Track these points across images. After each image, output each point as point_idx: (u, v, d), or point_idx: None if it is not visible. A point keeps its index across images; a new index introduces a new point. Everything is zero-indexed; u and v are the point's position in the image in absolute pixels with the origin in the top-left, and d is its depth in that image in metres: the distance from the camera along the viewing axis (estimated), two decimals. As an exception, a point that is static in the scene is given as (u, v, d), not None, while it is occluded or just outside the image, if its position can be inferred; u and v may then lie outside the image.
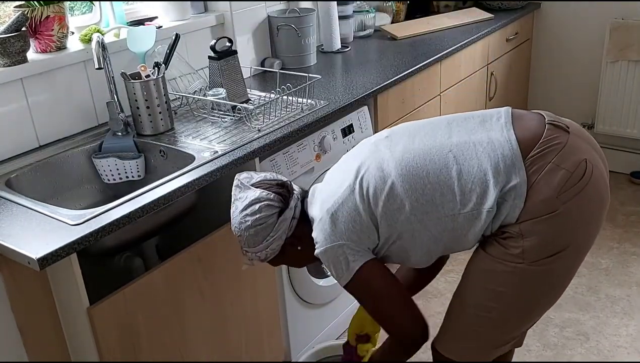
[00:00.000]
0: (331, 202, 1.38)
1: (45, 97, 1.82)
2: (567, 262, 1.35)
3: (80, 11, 2.15)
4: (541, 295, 1.40)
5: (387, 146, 1.40)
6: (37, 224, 1.40)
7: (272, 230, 1.40)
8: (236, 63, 2.07)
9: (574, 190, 1.28)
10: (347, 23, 2.79)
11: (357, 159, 1.42)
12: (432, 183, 1.31)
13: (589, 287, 2.55)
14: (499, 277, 1.36)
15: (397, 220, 1.34)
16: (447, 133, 1.37)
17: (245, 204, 1.40)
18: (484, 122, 1.38)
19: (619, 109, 3.28)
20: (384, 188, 1.33)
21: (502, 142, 1.31)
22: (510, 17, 3.10)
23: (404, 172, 1.33)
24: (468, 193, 1.30)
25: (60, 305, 1.51)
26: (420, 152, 1.35)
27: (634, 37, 3.09)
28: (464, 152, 1.32)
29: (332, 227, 1.36)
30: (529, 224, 1.29)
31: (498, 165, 1.29)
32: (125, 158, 1.84)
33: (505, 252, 1.33)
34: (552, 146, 1.30)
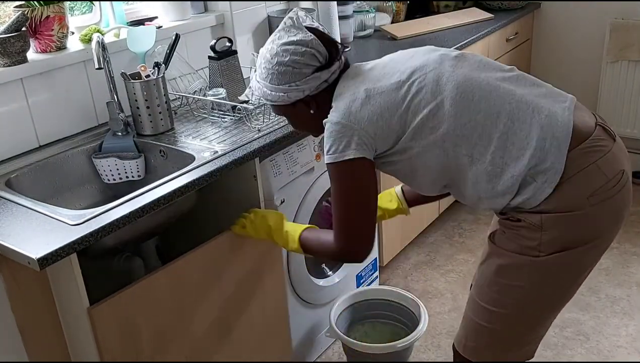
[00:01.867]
0: (373, 85, 1.33)
1: (45, 97, 1.82)
2: (584, 257, 1.35)
3: (80, 11, 2.15)
4: (556, 291, 1.39)
5: (451, 65, 1.35)
6: (37, 224, 1.40)
7: (301, 80, 1.35)
8: (236, 63, 2.07)
9: (605, 195, 1.28)
10: (347, 23, 2.78)
11: (416, 59, 1.37)
12: (478, 122, 1.28)
13: (589, 287, 2.55)
14: (514, 271, 1.35)
15: (424, 138, 1.30)
16: (514, 84, 1.34)
17: (292, 40, 1.33)
18: (550, 96, 1.35)
19: (619, 109, 3.28)
20: (430, 102, 1.29)
21: (560, 122, 1.28)
22: (510, 17, 3.10)
23: (457, 97, 1.29)
24: (502, 150, 1.27)
25: (60, 305, 1.51)
26: (482, 87, 1.31)
27: (634, 37, 3.09)
28: (520, 112, 1.28)
29: (359, 107, 1.31)
30: (552, 218, 1.27)
31: (545, 141, 1.26)
32: (125, 158, 1.84)
33: (521, 245, 1.32)
34: (599, 147, 1.29)
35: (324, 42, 1.36)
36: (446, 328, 2.36)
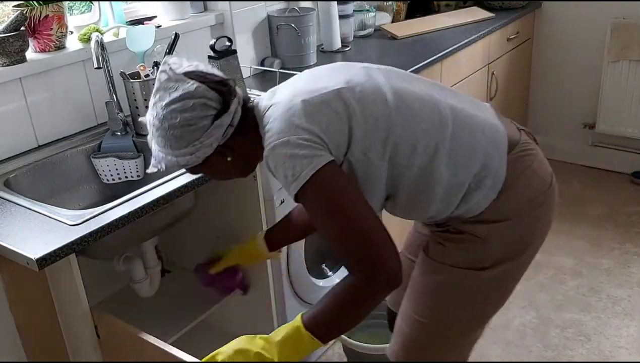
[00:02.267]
0: (308, 96, 1.16)
1: (44, 96, 1.82)
2: (522, 266, 1.36)
3: (79, 10, 2.15)
4: (495, 301, 1.38)
5: (381, 75, 1.24)
6: (36, 224, 1.39)
7: (203, 135, 1.16)
8: (236, 62, 2.06)
9: (543, 198, 1.29)
10: (347, 22, 2.78)
11: (344, 72, 1.23)
12: (423, 130, 1.19)
13: (590, 287, 2.55)
14: (456, 286, 1.32)
15: (371, 150, 1.17)
16: (442, 94, 1.28)
17: (175, 97, 1.14)
18: (474, 104, 1.32)
19: (620, 109, 3.27)
20: (374, 112, 1.17)
21: (495, 127, 1.27)
22: (511, 17, 3.09)
23: (400, 106, 1.19)
24: (449, 158, 1.21)
25: (60, 305, 1.50)
26: (420, 97, 1.22)
27: (635, 36, 3.09)
28: (460, 118, 1.24)
29: (300, 116, 1.13)
30: (498, 227, 1.26)
31: (488, 146, 1.24)
32: (124, 158, 1.83)
33: (465, 258, 1.28)
34: (529, 150, 1.30)
35: (210, 84, 1.17)
36: (447, 329, 2.35)
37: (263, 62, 2.48)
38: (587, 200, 3.22)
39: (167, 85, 1.16)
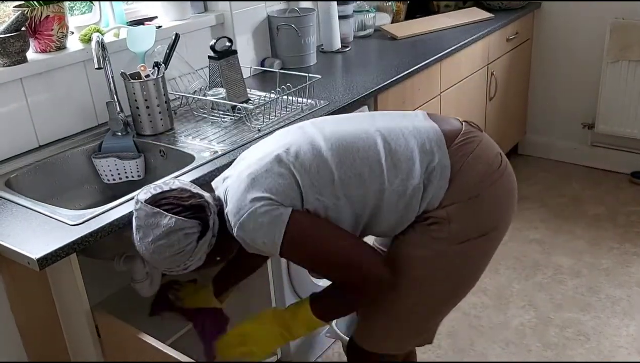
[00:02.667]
0: (253, 168, 1.28)
1: (44, 97, 1.82)
2: (487, 245, 1.41)
3: (80, 11, 2.15)
4: (461, 279, 1.44)
5: (313, 128, 1.37)
6: (37, 224, 1.40)
7: (192, 255, 1.30)
8: (236, 63, 2.07)
9: (493, 177, 1.37)
10: (347, 23, 2.78)
11: (281, 139, 1.35)
12: (361, 158, 1.30)
13: (589, 287, 2.55)
14: (423, 263, 1.37)
15: (324, 194, 1.27)
16: (371, 121, 1.40)
17: (158, 235, 1.26)
18: (405, 116, 1.43)
19: (620, 109, 3.28)
20: (313, 161, 1.29)
21: (427, 127, 1.37)
22: (511, 17, 3.09)
23: (334, 147, 1.31)
24: (396, 169, 1.31)
25: (60, 305, 1.50)
26: (349, 132, 1.35)
27: (635, 37, 3.09)
28: (391, 133, 1.35)
29: (250, 191, 1.25)
30: (454, 208, 1.33)
31: (424, 145, 1.33)
32: (125, 158, 1.84)
33: (432, 237, 1.35)
34: (472, 138, 1.38)
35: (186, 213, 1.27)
36: (446, 328, 2.36)
37: (263, 63, 2.49)
38: (586, 200, 3.22)
39: (147, 222, 1.27)
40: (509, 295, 2.53)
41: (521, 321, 2.38)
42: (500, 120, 3.29)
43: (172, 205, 1.28)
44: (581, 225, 2.99)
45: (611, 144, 3.43)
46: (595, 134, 3.45)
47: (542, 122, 3.65)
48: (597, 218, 3.04)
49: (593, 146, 3.50)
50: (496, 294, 2.54)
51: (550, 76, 3.53)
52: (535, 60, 3.55)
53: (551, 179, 3.48)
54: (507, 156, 3.82)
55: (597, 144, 3.48)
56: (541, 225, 3.01)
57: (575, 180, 3.44)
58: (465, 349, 2.26)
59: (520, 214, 3.12)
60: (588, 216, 3.07)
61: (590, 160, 3.55)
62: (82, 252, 1.36)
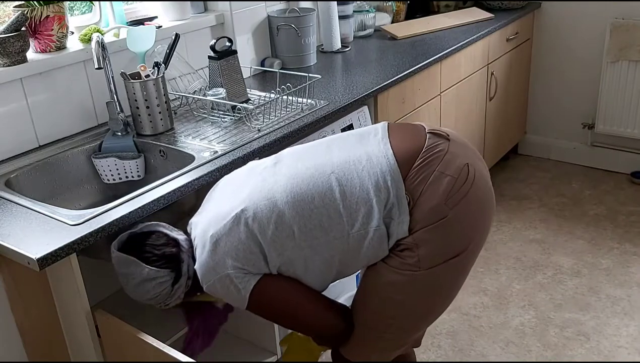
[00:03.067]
0: (215, 229, 1.33)
1: (44, 97, 1.82)
2: (461, 264, 1.38)
3: (80, 11, 2.15)
4: (438, 299, 1.43)
5: (271, 174, 1.37)
6: (37, 224, 1.40)
7: (169, 296, 1.40)
8: (236, 63, 2.07)
9: (460, 194, 1.31)
10: (347, 23, 2.78)
11: (242, 189, 1.38)
12: (318, 207, 1.30)
13: (589, 287, 2.55)
14: (397, 287, 1.37)
15: (286, 248, 1.31)
16: (327, 154, 1.38)
17: (136, 283, 1.37)
18: (361, 139, 1.40)
19: (619, 109, 3.28)
20: (271, 217, 1.31)
21: (380, 157, 1.33)
22: (511, 17, 3.09)
23: (289, 199, 1.31)
24: (354, 214, 1.30)
25: (60, 305, 1.50)
26: (304, 177, 1.34)
27: (635, 37, 3.09)
28: (345, 172, 1.33)
29: (214, 256, 1.32)
30: (422, 233, 1.31)
31: (379, 183, 1.30)
32: (125, 158, 1.84)
33: (402, 262, 1.34)
34: (434, 154, 1.33)
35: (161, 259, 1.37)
36: (446, 328, 2.36)
37: (263, 63, 2.49)
38: (586, 200, 3.22)
39: (123, 270, 1.38)
40: (509, 295, 2.53)
41: (521, 321, 2.38)
42: (500, 120, 3.29)
43: (147, 253, 1.38)
44: (581, 225, 2.99)
45: (611, 144, 3.43)
46: (595, 134, 3.45)
47: (542, 122, 3.65)
48: (597, 218, 3.04)
49: (593, 146, 3.51)
50: (496, 294, 2.54)
51: (550, 76, 3.54)
52: (535, 60, 3.55)
53: (551, 178, 3.48)
54: (507, 156, 3.82)
55: (597, 144, 3.49)
56: (541, 225, 3.01)
57: (575, 180, 3.44)
58: (465, 349, 2.26)
59: (520, 214, 3.12)
60: (588, 216, 3.07)
61: (590, 160, 3.55)
62: (82, 252, 1.36)
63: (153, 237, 1.40)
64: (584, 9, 3.27)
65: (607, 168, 3.50)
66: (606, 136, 3.41)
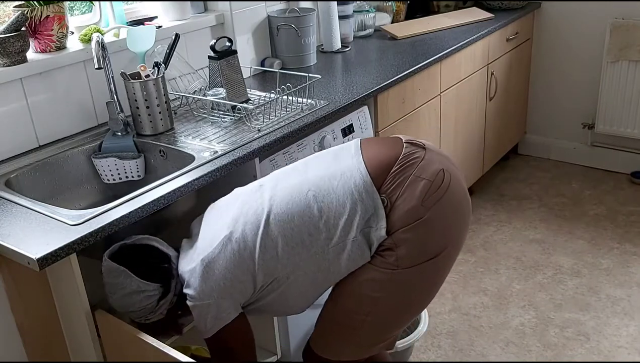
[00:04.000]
0: (206, 252, 1.39)
1: (44, 97, 1.82)
2: (439, 266, 1.41)
3: (80, 11, 2.15)
4: (415, 299, 1.46)
5: (254, 199, 1.42)
6: (37, 224, 1.40)
7: (153, 311, 1.43)
8: (236, 63, 2.07)
9: (436, 196, 1.35)
10: (347, 23, 2.78)
11: (227, 214, 1.43)
12: (298, 225, 1.36)
13: (589, 287, 2.55)
14: (375, 284, 1.39)
15: (274, 268, 1.37)
16: (304, 174, 1.43)
17: (124, 294, 1.40)
18: (336, 157, 1.45)
19: (619, 109, 3.28)
20: (256, 240, 1.36)
21: (354, 171, 1.38)
22: (511, 17, 3.09)
23: (272, 221, 1.37)
24: (332, 229, 1.35)
25: (60, 305, 1.50)
26: (283, 197, 1.39)
27: (635, 37, 3.09)
28: (321, 189, 1.38)
29: (205, 279, 1.37)
30: (400, 233, 1.34)
31: (353, 196, 1.35)
32: (125, 158, 1.84)
33: (382, 260, 1.37)
34: (411, 160, 1.38)
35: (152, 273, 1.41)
36: (446, 328, 2.36)
37: (263, 63, 2.49)
38: (586, 200, 3.22)
39: (113, 280, 1.40)
40: (509, 295, 2.53)
41: (521, 321, 2.38)
42: (500, 120, 3.29)
43: (139, 266, 1.40)
44: (581, 225, 2.99)
45: (611, 144, 3.43)
46: (595, 134, 3.45)
47: (542, 122, 3.65)
48: (597, 218, 3.04)
49: (593, 146, 3.51)
50: (496, 294, 2.54)
51: (550, 76, 3.54)
52: (535, 60, 3.55)
53: (551, 178, 3.48)
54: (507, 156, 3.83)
55: (597, 144, 3.49)
56: (541, 225, 3.01)
57: (575, 180, 3.44)
58: (465, 349, 2.26)
59: (520, 214, 3.12)
60: (588, 216, 3.07)
61: (590, 160, 3.55)
62: (82, 252, 1.36)
63: (146, 251, 1.44)
64: (584, 9, 3.28)
65: (607, 168, 3.50)
66: (606, 136, 3.41)
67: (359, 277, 1.41)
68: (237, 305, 1.41)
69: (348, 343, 1.50)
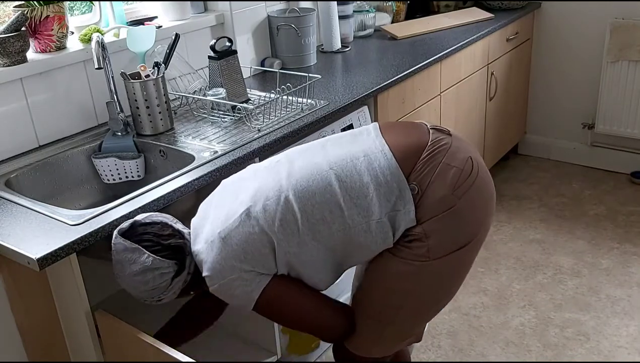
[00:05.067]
0: (224, 226, 1.33)
1: (44, 97, 1.82)
2: (469, 253, 1.41)
3: (80, 11, 2.15)
4: (446, 288, 1.45)
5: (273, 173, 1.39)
6: (37, 224, 1.40)
7: (166, 290, 1.37)
8: (236, 63, 2.07)
9: (466, 185, 1.34)
10: (347, 23, 2.78)
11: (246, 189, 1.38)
12: (319, 202, 1.32)
13: (589, 287, 2.55)
14: (406, 277, 1.38)
15: (292, 244, 1.33)
16: (323, 153, 1.40)
17: (135, 270, 1.33)
18: (355, 139, 1.42)
19: (619, 109, 3.28)
20: (276, 214, 1.32)
21: (377, 153, 1.36)
22: (511, 17, 3.09)
23: (292, 197, 1.33)
24: (354, 207, 1.32)
25: (61, 305, 1.50)
26: (304, 174, 1.35)
27: (635, 37, 3.09)
28: (343, 168, 1.35)
29: (224, 253, 1.32)
30: (431, 223, 1.33)
31: (378, 177, 1.32)
32: (125, 158, 1.84)
33: (411, 252, 1.35)
34: (440, 147, 1.36)
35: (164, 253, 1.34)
36: (446, 328, 2.36)
37: (263, 63, 2.49)
38: (586, 200, 3.22)
39: (125, 256, 1.33)
40: (509, 295, 2.53)
41: (521, 321, 2.38)
42: (500, 120, 3.29)
43: (152, 242, 1.34)
44: (581, 225, 3.00)
45: (611, 144, 3.43)
46: (595, 134, 3.45)
47: (542, 122, 3.65)
48: (597, 218, 3.04)
49: (593, 146, 3.51)
50: (496, 294, 2.54)
51: (550, 76, 3.54)
52: (535, 60, 3.55)
53: (551, 178, 3.48)
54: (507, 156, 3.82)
55: (597, 144, 3.49)
56: (541, 225, 3.01)
57: (575, 180, 3.44)
58: (465, 349, 2.26)
59: (520, 214, 3.12)
60: (588, 216, 3.07)
61: (590, 160, 3.55)
62: (82, 252, 1.36)
63: (158, 227, 1.37)
64: (584, 9, 3.28)
65: (607, 168, 3.50)
66: (606, 136, 3.41)
67: (389, 270, 1.39)
68: (263, 275, 1.35)
69: (378, 337, 1.48)
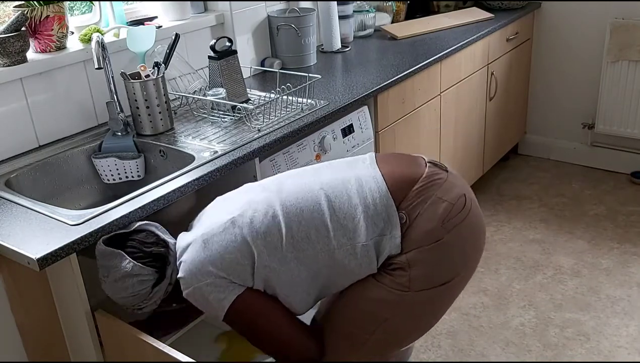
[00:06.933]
0: (207, 229, 1.35)
1: (44, 97, 1.82)
2: (449, 292, 1.39)
3: (80, 11, 2.15)
4: (422, 322, 1.44)
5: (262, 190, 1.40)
6: (37, 224, 1.40)
7: (147, 298, 1.38)
8: (236, 63, 2.07)
9: (456, 220, 1.34)
10: (347, 23, 2.79)
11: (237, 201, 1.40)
12: (306, 219, 1.32)
13: (589, 287, 2.55)
14: (383, 304, 1.37)
15: (273, 260, 1.32)
16: (316, 175, 1.41)
17: (117, 277, 1.34)
18: (349, 165, 1.44)
19: (620, 109, 3.28)
20: (261, 227, 1.32)
21: (369, 179, 1.37)
22: (511, 17, 3.09)
23: (280, 212, 1.33)
24: (341, 229, 1.32)
25: (60, 305, 1.50)
26: (294, 191, 1.36)
27: (635, 37, 3.09)
28: (334, 189, 1.35)
29: (201, 255, 1.31)
30: (416, 253, 1.32)
31: (367, 201, 1.33)
32: (125, 158, 1.84)
33: (393, 280, 1.34)
34: (433, 181, 1.37)
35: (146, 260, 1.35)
36: (446, 328, 2.36)
37: (263, 63, 2.49)
38: (586, 200, 3.22)
39: (107, 262, 1.35)
40: (509, 295, 2.53)
41: (521, 321, 2.38)
42: (500, 120, 3.29)
43: (134, 249, 1.36)
44: (581, 225, 3.00)
45: (611, 144, 3.43)
46: (595, 134, 3.45)
47: (542, 122, 3.65)
48: (597, 218, 3.04)
49: (593, 146, 3.51)
50: (496, 294, 2.54)
51: (550, 76, 3.54)
52: (535, 60, 3.55)
53: (551, 178, 3.48)
54: (507, 156, 3.82)
55: (597, 144, 3.49)
56: (541, 225, 3.01)
57: (575, 180, 3.44)
58: (465, 349, 2.26)
59: (520, 214, 3.12)
60: (588, 216, 3.07)
61: (590, 160, 3.55)
62: (82, 252, 1.36)
63: (142, 235, 1.39)
64: (584, 9, 3.28)
65: (607, 168, 3.50)
66: (606, 136, 3.41)
67: (367, 294, 1.38)
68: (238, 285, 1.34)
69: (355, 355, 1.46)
